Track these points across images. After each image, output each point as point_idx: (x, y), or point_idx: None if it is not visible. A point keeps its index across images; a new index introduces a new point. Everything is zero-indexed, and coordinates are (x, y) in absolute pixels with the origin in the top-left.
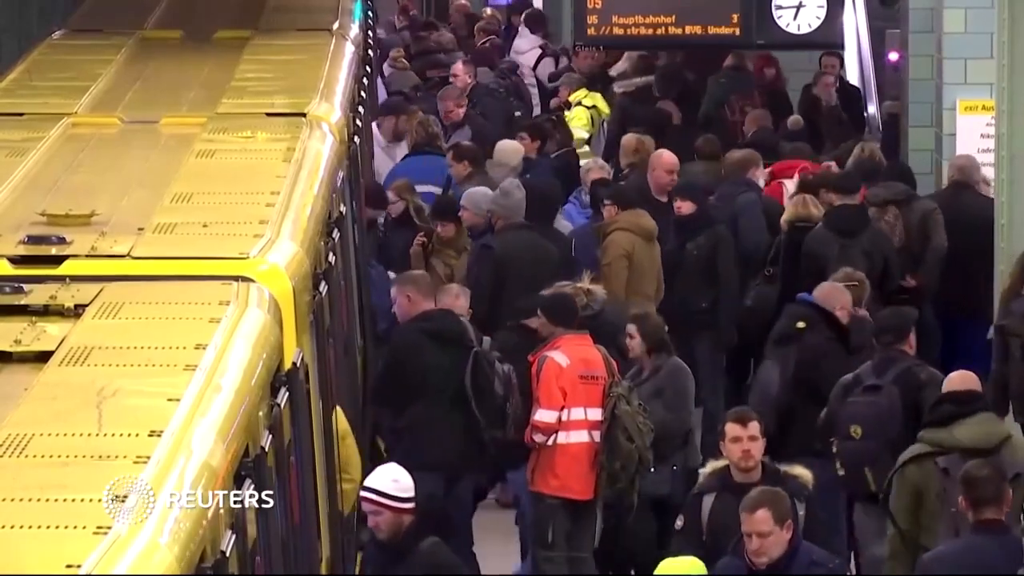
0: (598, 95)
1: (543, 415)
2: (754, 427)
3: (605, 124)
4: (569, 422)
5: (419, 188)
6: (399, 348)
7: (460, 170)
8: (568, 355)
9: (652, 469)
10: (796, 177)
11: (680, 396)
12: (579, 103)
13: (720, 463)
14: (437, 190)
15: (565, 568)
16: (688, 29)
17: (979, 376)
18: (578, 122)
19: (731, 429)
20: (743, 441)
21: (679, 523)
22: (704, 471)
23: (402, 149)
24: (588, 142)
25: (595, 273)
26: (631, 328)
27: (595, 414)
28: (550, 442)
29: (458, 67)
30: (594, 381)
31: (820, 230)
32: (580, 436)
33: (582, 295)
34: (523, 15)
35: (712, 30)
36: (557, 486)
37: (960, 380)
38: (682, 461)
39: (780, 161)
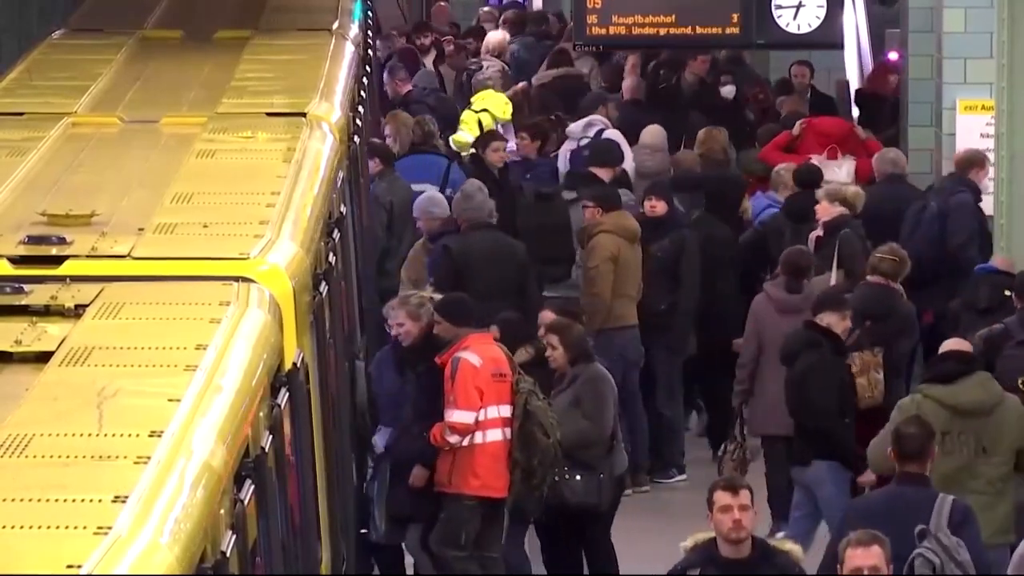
0: (500, 97)
1: (461, 416)
2: (745, 495)
3: (500, 127)
4: (486, 421)
5: (416, 187)
6: None
7: (371, 167)
8: (479, 354)
9: (579, 476)
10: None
11: (599, 404)
12: (468, 106)
13: (703, 536)
14: (435, 188)
15: (476, 568)
16: (688, 29)
17: None
18: (464, 126)
19: (720, 497)
20: (733, 510)
21: None
22: (685, 545)
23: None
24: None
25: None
26: (553, 339)
27: (506, 411)
28: (465, 442)
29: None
30: (503, 379)
31: (778, 215)
32: (496, 435)
33: (427, 303)
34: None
35: (712, 30)
36: (478, 486)
37: (958, 343)
38: (608, 469)
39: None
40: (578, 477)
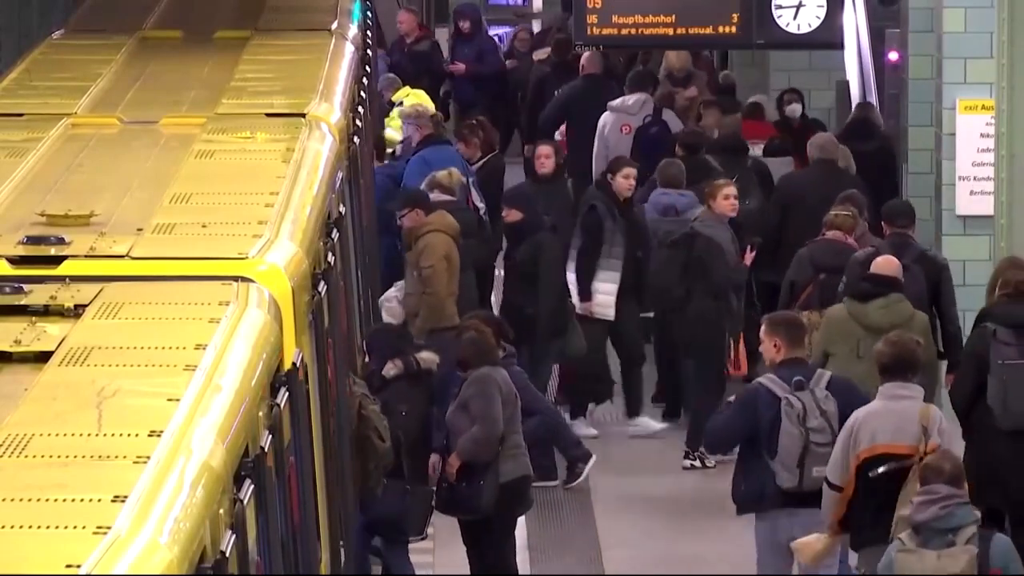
0: (423, 94)
1: None
2: None
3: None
4: None
5: None
6: None
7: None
8: None
9: (464, 484)
10: None
11: (485, 403)
12: (400, 103)
13: None
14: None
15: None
16: (688, 29)
17: None
18: (392, 123)
19: None
20: None
21: None
22: None
23: None
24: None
25: None
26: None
27: None
28: None
29: None
30: None
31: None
32: None
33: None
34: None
35: (712, 30)
36: None
37: (884, 264)
38: (492, 475)
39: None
40: (464, 484)
